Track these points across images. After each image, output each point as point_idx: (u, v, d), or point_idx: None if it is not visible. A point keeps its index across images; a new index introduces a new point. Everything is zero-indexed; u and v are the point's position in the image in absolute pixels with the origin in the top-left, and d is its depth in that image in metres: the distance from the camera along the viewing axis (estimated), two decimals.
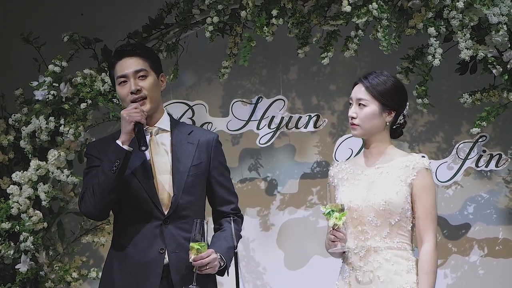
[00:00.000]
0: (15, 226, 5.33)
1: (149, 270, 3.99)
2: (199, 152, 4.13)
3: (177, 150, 4.11)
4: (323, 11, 5.32)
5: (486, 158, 5.58)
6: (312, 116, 5.71)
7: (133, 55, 4.09)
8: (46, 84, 5.39)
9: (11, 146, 5.60)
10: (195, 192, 4.10)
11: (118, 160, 3.94)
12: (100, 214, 4.05)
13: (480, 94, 5.36)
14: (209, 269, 3.97)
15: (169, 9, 5.59)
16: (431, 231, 4.10)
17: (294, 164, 6.05)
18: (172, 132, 4.16)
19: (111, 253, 4.12)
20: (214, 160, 4.18)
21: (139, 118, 3.97)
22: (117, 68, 4.10)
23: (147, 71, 4.09)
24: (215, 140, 4.21)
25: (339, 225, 4.01)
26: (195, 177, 4.10)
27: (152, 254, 4.01)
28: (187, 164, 4.09)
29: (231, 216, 4.19)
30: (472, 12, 5.12)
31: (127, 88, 4.07)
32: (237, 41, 5.47)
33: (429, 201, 4.11)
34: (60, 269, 5.54)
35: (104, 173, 3.95)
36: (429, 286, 4.04)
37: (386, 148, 4.20)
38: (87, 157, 4.16)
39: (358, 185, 4.16)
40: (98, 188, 3.96)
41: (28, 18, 6.00)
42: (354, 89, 4.18)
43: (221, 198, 4.20)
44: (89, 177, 4.07)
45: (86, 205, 4.02)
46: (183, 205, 4.05)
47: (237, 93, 6.06)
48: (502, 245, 5.88)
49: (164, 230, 4.02)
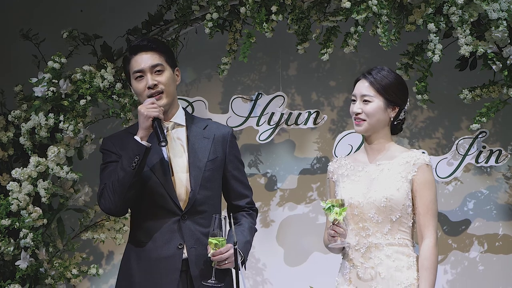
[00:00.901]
0: (15, 223, 5.33)
1: (168, 265, 4.00)
2: (215, 146, 4.15)
3: (193, 145, 4.12)
4: (323, 7, 5.32)
5: (486, 154, 5.58)
6: (312, 112, 5.71)
7: (149, 49, 4.10)
8: (46, 80, 5.39)
9: (11, 143, 5.60)
10: (211, 187, 4.11)
11: (137, 156, 3.93)
12: (120, 210, 4.04)
13: (480, 90, 5.36)
14: (227, 263, 3.99)
15: (168, 5, 5.58)
16: (432, 227, 4.10)
17: (293, 160, 6.05)
18: (188, 126, 4.17)
19: (128, 248, 4.12)
20: (230, 155, 4.20)
21: (157, 114, 3.97)
22: (133, 63, 4.10)
23: (163, 65, 4.10)
24: (230, 134, 4.22)
25: (339, 220, 4.01)
26: (211, 172, 4.11)
27: (170, 250, 4.02)
28: (204, 159, 4.10)
29: (246, 210, 4.23)
30: (471, 7, 5.12)
31: (143, 83, 4.08)
32: (236, 37, 5.47)
33: (430, 197, 4.11)
34: (60, 265, 5.54)
35: (124, 169, 3.94)
36: (429, 282, 4.04)
37: (387, 144, 4.20)
38: (103, 152, 4.15)
39: (359, 182, 4.16)
40: (117, 184, 3.96)
41: (28, 15, 6.00)
42: (357, 85, 4.17)
43: (237, 192, 4.23)
44: (106, 173, 4.07)
45: (105, 202, 4.02)
46: (201, 200, 4.06)
47: (236, 89, 6.06)
48: (502, 241, 5.89)
49: (182, 225, 4.03)
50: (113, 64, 5.55)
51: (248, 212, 4.25)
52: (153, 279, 4.00)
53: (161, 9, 5.60)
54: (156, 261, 4.01)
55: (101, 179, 4.10)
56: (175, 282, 3.99)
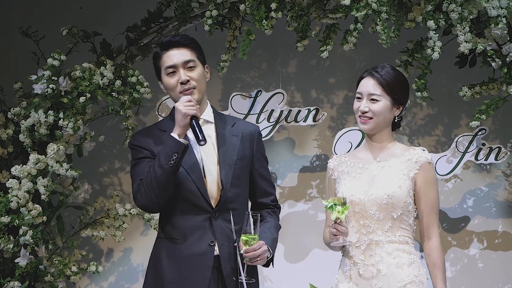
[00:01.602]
0: (14, 220, 5.33)
1: (200, 262, 4.02)
2: (243, 144, 4.17)
3: (223, 143, 4.13)
4: (322, 4, 5.32)
5: (485, 151, 5.58)
6: (312, 110, 5.71)
7: (182, 46, 4.12)
8: (45, 77, 5.39)
9: (10, 140, 5.59)
10: (240, 184, 4.13)
11: (176, 154, 3.94)
12: (156, 207, 4.04)
13: (480, 87, 5.36)
14: (259, 260, 4.01)
15: (168, 2, 5.58)
16: (436, 225, 4.12)
17: (293, 158, 6.05)
18: (216, 123, 4.18)
19: (159, 245, 4.13)
20: (257, 153, 4.22)
21: (195, 112, 3.98)
22: (165, 58, 4.11)
23: (195, 61, 4.13)
24: (257, 132, 4.25)
25: (341, 219, 4.01)
26: (240, 170, 4.13)
27: (202, 247, 4.03)
28: (233, 156, 4.12)
29: (271, 207, 4.27)
30: (471, 5, 5.11)
31: (175, 79, 4.09)
32: (236, 34, 5.47)
33: (433, 196, 4.12)
34: (59, 263, 5.54)
35: (161, 167, 3.94)
36: (443, 280, 4.09)
37: (389, 142, 4.20)
38: (133, 148, 4.15)
39: (360, 179, 4.16)
40: (155, 181, 3.96)
41: (27, 12, 5.99)
42: (363, 83, 4.16)
43: (263, 190, 4.25)
44: (139, 169, 4.07)
45: (142, 198, 4.02)
46: (231, 198, 4.08)
47: (236, 86, 6.06)
48: (502, 238, 5.89)
49: (213, 222, 4.05)
50: (112, 61, 5.54)
51: (273, 209, 4.29)
52: (185, 276, 4.02)
53: (160, 6, 5.59)
54: (188, 258, 4.03)
55: (134, 175, 4.10)
56: (207, 279, 4.01)
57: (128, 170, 6.09)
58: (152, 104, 5.82)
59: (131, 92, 5.52)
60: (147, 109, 5.94)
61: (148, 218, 5.65)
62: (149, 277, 4.13)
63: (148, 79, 5.54)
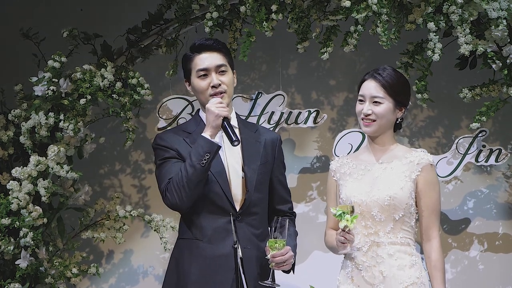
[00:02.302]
0: (15, 222, 5.33)
1: (223, 264, 4.05)
2: (266, 150, 4.22)
3: (248, 148, 4.18)
4: (323, 6, 5.32)
5: (485, 153, 5.58)
6: (312, 112, 5.72)
7: (214, 50, 4.17)
8: (46, 79, 5.39)
9: (11, 142, 5.59)
10: (263, 189, 4.18)
11: (208, 154, 3.98)
12: (186, 206, 4.05)
13: (480, 89, 5.36)
14: (285, 265, 4.07)
15: (168, 4, 5.58)
16: (436, 227, 4.12)
17: (293, 159, 6.05)
18: (240, 129, 4.23)
19: (181, 245, 4.16)
20: (278, 160, 4.28)
21: (227, 113, 4.04)
22: (197, 61, 4.15)
23: (227, 66, 4.18)
24: (278, 140, 4.33)
25: (350, 227, 4.02)
26: (263, 175, 4.18)
27: (226, 249, 4.06)
28: (257, 162, 4.17)
29: (289, 215, 4.30)
30: (471, 6, 5.11)
31: (207, 82, 4.13)
32: (236, 36, 5.47)
33: (434, 198, 4.13)
34: (60, 264, 5.54)
35: (193, 166, 3.97)
36: (443, 282, 4.09)
37: (391, 144, 4.21)
38: (158, 148, 4.17)
39: (362, 180, 4.17)
40: (186, 180, 3.99)
41: (28, 14, 6.00)
42: (365, 85, 4.17)
43: (281, 197, 4.31)
44: (167, 169, 4.09)
45: (172, 197, 4.03)
46: (254, 202, 4.13)
47: (236, 88, 6.02)
48: (502, 240, 5.89)
49: (237, 225, 4.08)
50: (113, 63, 5.55)
51: (291, 217, 4.32)
52: (209, 277, 4.05)
53: (161, 8, 5.59)
54: (212, 259, 4.06)
55: (161, 174, 4.11)
56: (229, 280, 4.04)
57: (128, 172, 6.12)
58: (153, 106, 5.82)
59: (131, 94, 5.52)
60: (147, 111, 5.95)
61: (148, 220, 5.65)
62: (170, 278, 4.15)
63: (149, 81, 5.54)
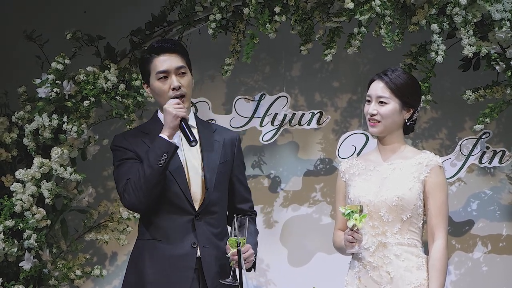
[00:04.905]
0: (18, 224, 5.33)
1: (182, 263, 4.05)
2: (225, 150, 4.21)
3: (207, 147, 4.18)
4: (326, 7, 5.32)
5: (489, 154, 5.58)
6: (315, 113, 5.71)
7: (173, 51, 4.15)
8: (49, 81, 5.39)
9: (14, 144, 5.60)
10: (222, 188, 4.18)
11: (165, 154, 3.97)
12: (144, 206, 4.05)
13: (483, 90, 5.36)
14: (246, 263, 4.04)
15: (172, 6, 5.59)
16: (443, 228, 4.12)
17: (297, 161, 6.05)
18: (199, 129, 4.23)
19: (140, 245, 4.15)
20: (237, 159, 4.27)
21: (184, 114, 4.03)
22: (157, 63, 4.13)
23: (186, 68, 4.16)
24: (238, 139, 4.31)
25: (359, 226, 4.02)
26: (222, 175, 4.17)
27: (184, 248, 4.06)
28: (216, 161, 4.16)
29: (249, 214, 4.29)
30: (475, 8, 5.11)
31: (168, 84, 4.12)
32: (240, 38, 5.47)
33: (442, 199, 4.13)
34: (63, 266, 5.54)
35: (151, 167, 3.97)
36: (440, 284, 4.07)
37: (400, 145, 4.22)
38: (117, 149, 4.17)
39: (370, 180, 4.17)
40: (143, 181, 3.98)
41: (31, 16, 6.00)
42: (373, 86, 4.18)
43: (241, 196, 4.30)
44: (125, 170, 4.09)
45: (130, 198, 4.03)
46: (213, 201, 4.12)
47: (240, 90, 6.06)
48: (506, 241, 5.88)
49: (196, 224, 4.07)
50: (116, 65, 5.55)
51: (251, 216, 4.31)
52: (167, 277, 4.04)
53: (164, 10, 5.60)
54: (170, 259, 4.05)
55: (119, 175, 4.11)
56: (189, 280, 4.03)
57: None
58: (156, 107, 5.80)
59: (135, 96, 5.52)
60: (150, 113, 5.87)
61: None
62: (129, 279, 4.14)
63: None
